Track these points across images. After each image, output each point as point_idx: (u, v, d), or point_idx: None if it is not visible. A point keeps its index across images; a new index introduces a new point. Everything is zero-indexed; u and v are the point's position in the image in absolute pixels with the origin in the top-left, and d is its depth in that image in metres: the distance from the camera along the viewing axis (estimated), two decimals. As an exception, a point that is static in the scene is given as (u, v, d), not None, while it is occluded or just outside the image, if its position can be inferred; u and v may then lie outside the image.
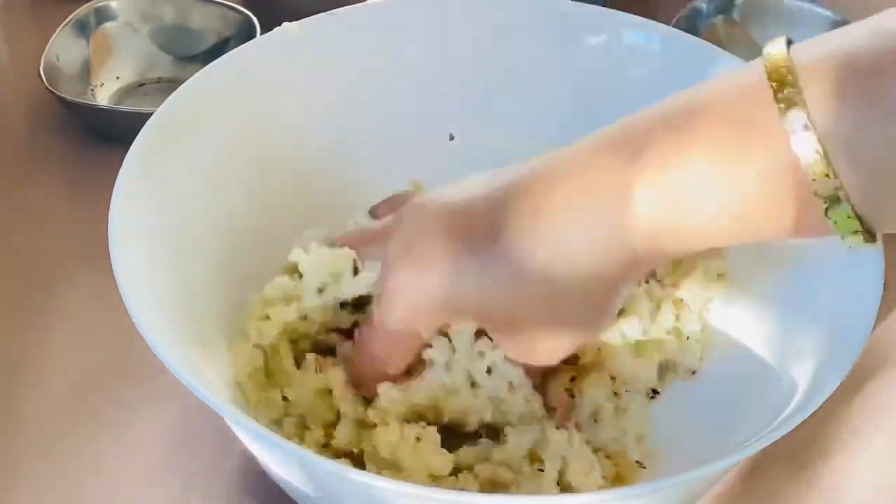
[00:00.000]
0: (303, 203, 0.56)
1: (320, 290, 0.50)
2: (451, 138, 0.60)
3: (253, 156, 0.55)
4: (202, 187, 0.53)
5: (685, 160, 0.38)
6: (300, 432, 0.50)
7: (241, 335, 0.51)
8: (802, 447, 0.54)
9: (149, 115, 0.52)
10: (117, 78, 0.76)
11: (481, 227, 0.43)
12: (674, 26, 0.66)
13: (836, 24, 0.71)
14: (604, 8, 0.61)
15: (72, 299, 0.62)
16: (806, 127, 0.36)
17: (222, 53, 0.57)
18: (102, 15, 0.76)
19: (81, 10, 0.75)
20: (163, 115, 0.52)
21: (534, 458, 0.49)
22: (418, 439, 0.48)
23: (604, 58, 0.59)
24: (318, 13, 0.58)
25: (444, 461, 0.48)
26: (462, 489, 0.48)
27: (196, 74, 0.54)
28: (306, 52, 0.57)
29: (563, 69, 0.60)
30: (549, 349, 0.46)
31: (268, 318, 0.50)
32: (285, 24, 0.56)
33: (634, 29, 0.59)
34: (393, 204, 0.53)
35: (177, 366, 0.41)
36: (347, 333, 0.52)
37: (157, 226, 0.49)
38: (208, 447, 0.54)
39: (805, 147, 0.36)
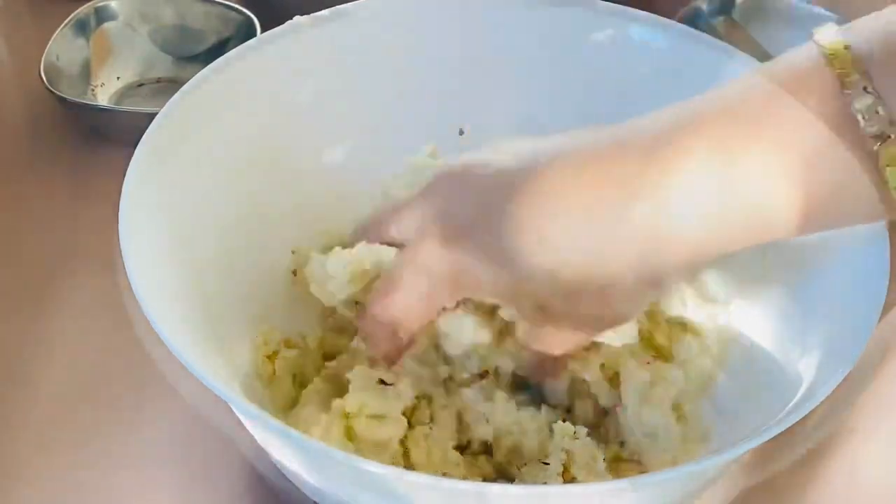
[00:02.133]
0: (308, 199, 0.56)
1: None
2: (462, 133, 0.60)
3: (259, 155, 0.55)
4: (211, 183, 0.52)
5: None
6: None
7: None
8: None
9: (149, 115, 0.51)
10: (117, 78, 0.76)
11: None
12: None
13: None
14: (611, 3, 0.61)
15: (72, 298, 0.62)
16: (877, 112, 0.37)
17: (222, 53, 0.56)
18: (102, 15, 0.76)
19: (81, 10, 0.75)
20: (174, 107, 0.52)
21: (541, 452, 0.49)
22: (426, 438, 0.48)
23: (611, 54, 0.59)
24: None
25: (453, 460, 0.48)
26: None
27: (203, 70, 0.54)
28: (311, 50, 0.57)
29: (570, 65, 0.60)
30: (565, 340, 0.47)
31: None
32: (297, 18, 0.56)
33: (642, 25, 0.59)
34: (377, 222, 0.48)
35: (189, 358, 0.41)
36: None
37: (166, 224, 0.49)
38: (212, 446, 0.54)
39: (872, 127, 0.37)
